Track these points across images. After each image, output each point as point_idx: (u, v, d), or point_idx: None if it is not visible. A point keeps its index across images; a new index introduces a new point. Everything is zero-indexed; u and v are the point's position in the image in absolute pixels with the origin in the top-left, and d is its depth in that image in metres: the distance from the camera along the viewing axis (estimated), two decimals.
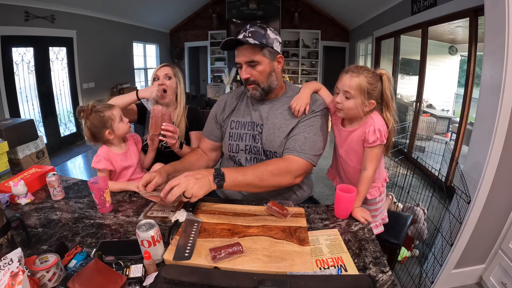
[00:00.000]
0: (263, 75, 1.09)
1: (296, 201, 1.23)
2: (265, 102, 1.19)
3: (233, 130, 1.21)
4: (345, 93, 1.01)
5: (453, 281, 1.63)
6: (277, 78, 1.14)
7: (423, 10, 3.41)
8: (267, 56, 1.07)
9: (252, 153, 1.18)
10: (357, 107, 1.01)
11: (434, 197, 2.05)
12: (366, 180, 1.05)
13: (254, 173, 0.99)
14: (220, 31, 7.30)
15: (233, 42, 1.06)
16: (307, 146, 1.07)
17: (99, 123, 1.18)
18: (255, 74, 1.08)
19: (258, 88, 1.11)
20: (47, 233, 0.91)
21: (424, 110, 4.62)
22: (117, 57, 5.55)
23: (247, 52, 1.06)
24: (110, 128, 1.20)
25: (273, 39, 1.08)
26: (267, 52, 1.07)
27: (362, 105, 1.00)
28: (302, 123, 1.12)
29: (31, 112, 3.92)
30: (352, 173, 1.16)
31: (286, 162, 1.06)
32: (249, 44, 1.03)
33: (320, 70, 7.51)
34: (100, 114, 1.17)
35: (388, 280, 0.73)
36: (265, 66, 1.08)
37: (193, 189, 0.88)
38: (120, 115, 1.23)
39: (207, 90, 6.15)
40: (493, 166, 1.33)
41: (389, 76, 1.01)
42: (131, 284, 0.69)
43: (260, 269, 0.74)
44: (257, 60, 1.06)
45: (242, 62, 1.08)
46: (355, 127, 1.07)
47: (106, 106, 1.21)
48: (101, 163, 1.19)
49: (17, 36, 3.55)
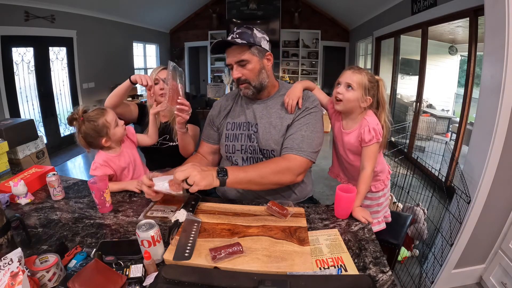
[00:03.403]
0: (254, 73, 1.11)
1: (297, 199, 1.23)
2: (258, 101, 1.20)
3: (229, 131, 1.22)
4: (346, 85, 1.09)
5: (453, 281, 1.63)
6: (268, 76, 1.15)
7: (423, 10, 3.41)
8: (255, 54, 1.10)
9: (248, 152, 1.18)
10: (356, 100, 1.08)
11: (434, 197, 2.05)
12: (365, 179, 1.08)
13: (255, 171, 1.02)
14: (220, 31, 7.30)
15: (222, 45, 1.09)
16: (305, 144, 1.09)
17: (94, 132, 1.13)
18: (245, 73, 1.10)
19: (250, 87, 1.13)
20: (47, 233, 0.91)
21: (424, 110, 4.62)
22: (117, 57, 5.55)
23: (236, 53, 1.08)
24: (106, 136, 1.15)
25: (260, 38, 1.10)
26: (256, 50, 1.09)
27: (360, 99, 1.08)
28: (298, 121, 1.13)
29: (31, 112, 3.92)
30: (354, 170, 1.21)
31: (286, 161, 1.07)
32: (237, 44, 1.06)
33: (320, 70, 7.51)
34: (94, 123, 1.12)
35: (388, 280, 0.73)
36: (254, 64, 1.10)
37: (196, 177, 0.89)
38: (115, 119, 1.18)
39: (207, 90, 6.15)
40: (493, 166, 1.33)
41: (384, 82, 1.13)
42: (131, 284, 0.69)
43: (260, 269, 0.74)
44: (246, 59, 1.08)
45: (232, 63, 1.10)
46: (352, 129, 1.14)
47: (98, 112, 1.15)
48: (98, 170, 1.17)
49: (17, 36, 3.54)
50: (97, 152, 1.22)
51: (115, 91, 1.33)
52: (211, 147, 1.32)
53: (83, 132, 1.13)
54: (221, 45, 1.09)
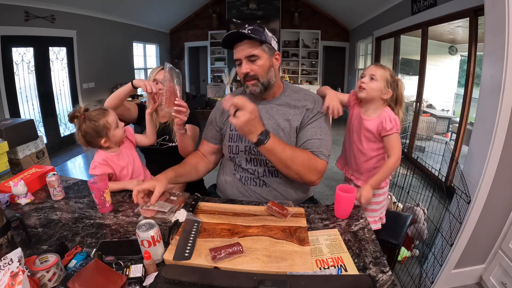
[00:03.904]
0: (263, 70, 1.10)
1: (298, 200, 1.23)
2: (263, 101, 1.19)
3: (233, 132, 1.21)
4: (370, 76, 1.18)
5: (453, 281, 1.63)
6: (275, 75, 1.15)
7: (423, 10, 3.41)
8: (266, 52, 1.10)
9: (252, 154, 1.17)
10: (379, 90, 1.17)
11: (434, 197, 2.05)
12: (389, 165, 1.16)
13: (290, 153, 1.03)
14: (220, 31, 7.30)
15: (233, 39, 1.08)
16: (324, 148, 1.11)
17: (94, 132, 1.13)
18: (255, 69, 1.09)
19: (258, 84, 1.12)
20: (47, 233, 0.91)
21: (424, 110, 4.62)
22: (117, 57, 5.55)
23: (246, 47, 1.07)
24: (105, 137, 1.16)
25: (270, 37, 1.11)
26: (266, 48, 1.10)
27: (382, 90, 1.17)
28: (311, 125, 1.14)
29: (31, 112, 3.92)
30: (362, 159, 1.25)
31: (316, 161, 1.09)
32: (249, 39, 1.06)
33: (320, 70, 7.51)
34: (94, 123, 1.12)
35: (388, 280, 0.73)
36: (264, 61, 1.10)
37: (246, 116, 0.90)
38: (115, 121, 1.18)
39: (207, 90, 6.14)
40: (493, 166, 1.33)
41: (402, 82, 1.23)
42: (131, 284, 0.69)
43: (260, 269, 0.74)
44: (257, 54, 1.08)
45: (241, 58, 1.09)
46: (372, 117, 1.20)
47: (100, 113, 1.15)
48: (97, 170, 1.17)
49: (17, 36, 3.54)
50: (96, 152, 1.22)
51: (116, 93, 1.33)
52: (213, 147, 1.31)
53: (83, 130, 1.13)
54: (231, 39, 1.08)
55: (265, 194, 1.18)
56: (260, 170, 1.17)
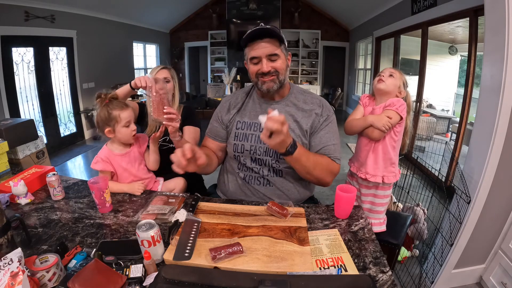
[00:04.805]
0: (282, 69, 1.11)
1: (298, 200, 1.23)
2: (271, 102, 1.19)
3: (239, 130, 1.20)
4: (390, 73, 1.26)
5: (453, 281, 1.63)
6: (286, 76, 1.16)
7: (423, 10, 3.41)
8: (284, 52, 1.11)
9: (257, 154, 1.16)
10: (396, 86, 1.25)
11: (434, 197, 2.05)
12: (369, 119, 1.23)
13: (313, 161, 1.06)
14: (220, 31, 7.30)
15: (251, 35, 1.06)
16: (338, 153, 1.15)
17: (104, 118, 1.17)
18: (276, 66, 1.09)
19: (276, 80, 1.11)
20: (47, 233, 0.91)
21: (424, 110, 4.62)
22: (117, 57, 5.55)
23: (269, 45, 1.06)
24: (111, 127, 1.18)
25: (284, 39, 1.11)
26: (283, 48, 1.10)
27: (398, 88, 1.25)
28: (324, 130, 1.15)
29: (31, 112, 3.92)
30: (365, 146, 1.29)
31: (332, 164, 1.12)
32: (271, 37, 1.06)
33: (320, 70, 7.51)
34: (109, 110, 1.16)
35: (388, 280, 0.73)
36: (283, 61, 1.10)
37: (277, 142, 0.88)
38: (128, 120, 1.19)
39: (207, 90, 6.15)
40: (493, 166, 1.33)
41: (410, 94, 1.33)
42: (131, 284, 0.69)
43: (260, 269, 0.74)
44: (278, 54, 1.08)
45: (262, 55, 1.07)
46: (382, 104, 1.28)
47: (119, 105, 1.18)
48: (98, 165, 1.19)
49: (17, 36, 3.54)
50: (102, 147, 1.24)
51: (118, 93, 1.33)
52: (218, 145, 1.27)
53: (100, 112, 1.17)
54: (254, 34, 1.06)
55: (268, 193, 1.18)
56: (265, 169, 1.17)
